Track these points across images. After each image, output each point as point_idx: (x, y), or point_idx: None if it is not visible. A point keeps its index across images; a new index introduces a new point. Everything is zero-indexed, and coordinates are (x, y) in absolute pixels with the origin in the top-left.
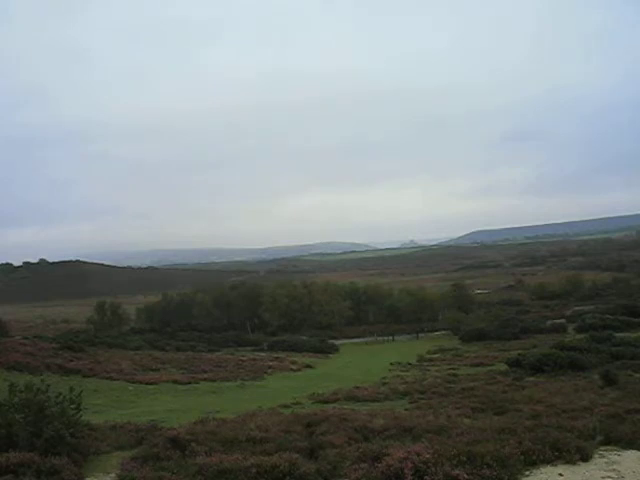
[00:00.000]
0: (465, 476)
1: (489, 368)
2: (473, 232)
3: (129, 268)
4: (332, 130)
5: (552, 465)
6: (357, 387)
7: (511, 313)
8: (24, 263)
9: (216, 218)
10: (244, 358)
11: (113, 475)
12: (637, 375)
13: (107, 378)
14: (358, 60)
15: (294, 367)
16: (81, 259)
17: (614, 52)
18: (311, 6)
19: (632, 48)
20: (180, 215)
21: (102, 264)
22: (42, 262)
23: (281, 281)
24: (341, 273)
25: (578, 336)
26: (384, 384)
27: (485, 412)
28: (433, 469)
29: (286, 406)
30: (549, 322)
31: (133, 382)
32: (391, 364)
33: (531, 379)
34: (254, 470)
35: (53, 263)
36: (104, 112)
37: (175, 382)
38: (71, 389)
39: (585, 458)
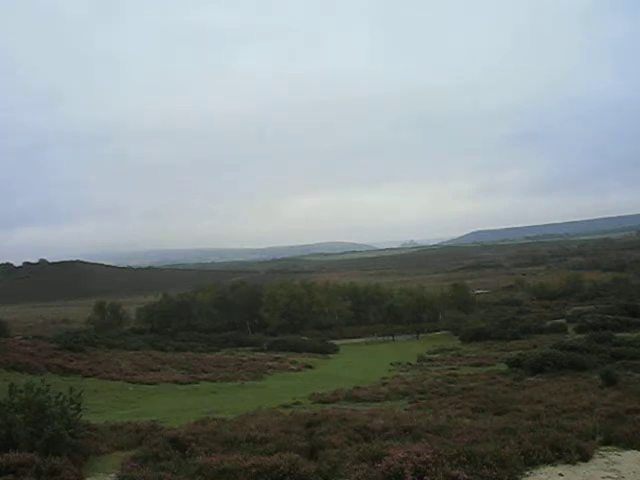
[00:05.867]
0: (465, 476)
1: (489, 368)
2: (473, 232)
3: (129, 268)
4: (332, 131)
5: (552, 465)
6: (357, 387)
7: (511, 313)
8: (24, 263)
9: (217, 218)
10: (244, 358)
11: (113, 475)
12: (637, 375)
13: (107, 378)
14: (359, 62)
15: (294, 367)
16: (81, 259)
17: (615, 52)
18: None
19: (633, 48)
20: (181, 216)
21: (102, 264)
22: (42, 262)
23: (281, 281)
24: (341, 273)
25: (578, 336)
26: (384, 384)
27: (485, 412)
28: (433, 469)
29: (286, 406)
30: (549, 322)
31: (133, 382)
32: (391, 364)
33: (531, 379)
34: (254, 470)
35: (53, 263)
36: (115, 114)
37: (175, 382)
38: (71, 389)
39: (585, 458)
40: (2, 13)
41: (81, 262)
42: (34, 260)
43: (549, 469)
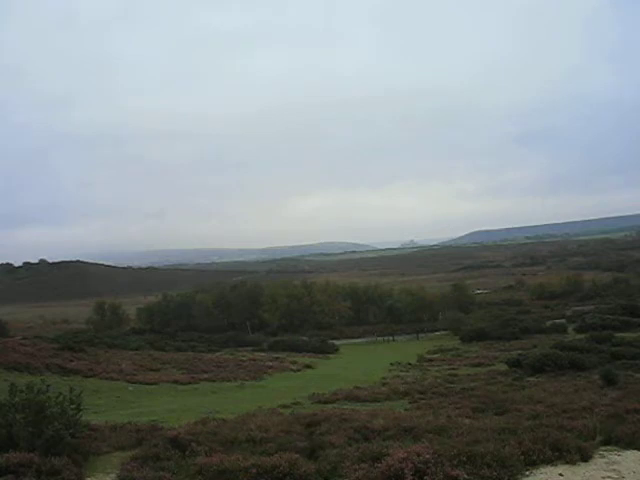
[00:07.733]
0: (465, 476)
1: (489, 368)
2: (473, 232)
3: (129, 268)
4: (333, 132)
5: (552, 465)
6: (357, 387)
7: (511, 313)
8: (24, 263)
9: (217, 218)
10: (244, 358)
11: (113, 475)
12: (637, 375)
13: (107, 378)
14: (359, 62)
15: (294, 367)
16: (81, 259)
17: (615, 52)
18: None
19: (633, 48)
20: (181, 216)
21: (102, 264)
22: (42, 262)
23: (281, 281)
24: (341, 273)
25: (578, 336)
26: (384, 384)
27: (485, 412)
28: (433, 469)
29: (286, 406)
30: (549, 322)
31: (133, 382)
32: (391, 364)
33: (531, 379)
34: (254, 470)
35: (53, 263)
36: (115, 114)
37: (175, 382)
38: (71, 389)
39: (585, 458)
40: (10, 17)
41: (81, 262)
42: (34, 260)
43: (549, 469)
